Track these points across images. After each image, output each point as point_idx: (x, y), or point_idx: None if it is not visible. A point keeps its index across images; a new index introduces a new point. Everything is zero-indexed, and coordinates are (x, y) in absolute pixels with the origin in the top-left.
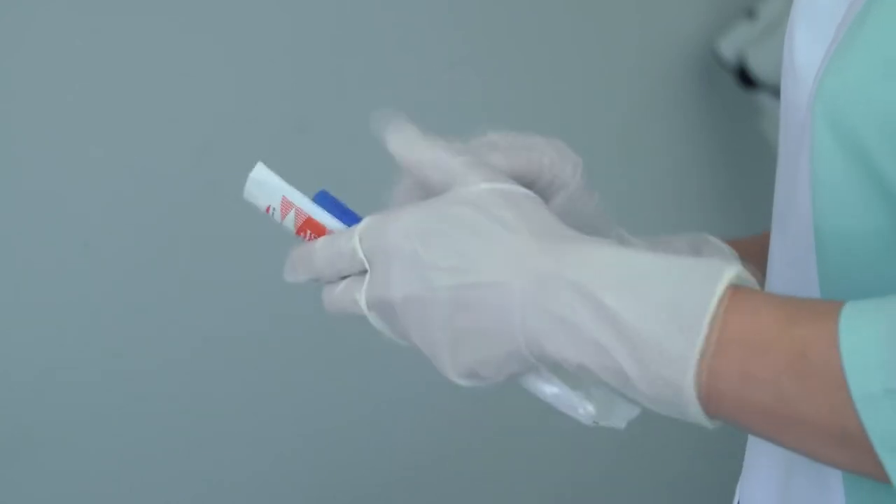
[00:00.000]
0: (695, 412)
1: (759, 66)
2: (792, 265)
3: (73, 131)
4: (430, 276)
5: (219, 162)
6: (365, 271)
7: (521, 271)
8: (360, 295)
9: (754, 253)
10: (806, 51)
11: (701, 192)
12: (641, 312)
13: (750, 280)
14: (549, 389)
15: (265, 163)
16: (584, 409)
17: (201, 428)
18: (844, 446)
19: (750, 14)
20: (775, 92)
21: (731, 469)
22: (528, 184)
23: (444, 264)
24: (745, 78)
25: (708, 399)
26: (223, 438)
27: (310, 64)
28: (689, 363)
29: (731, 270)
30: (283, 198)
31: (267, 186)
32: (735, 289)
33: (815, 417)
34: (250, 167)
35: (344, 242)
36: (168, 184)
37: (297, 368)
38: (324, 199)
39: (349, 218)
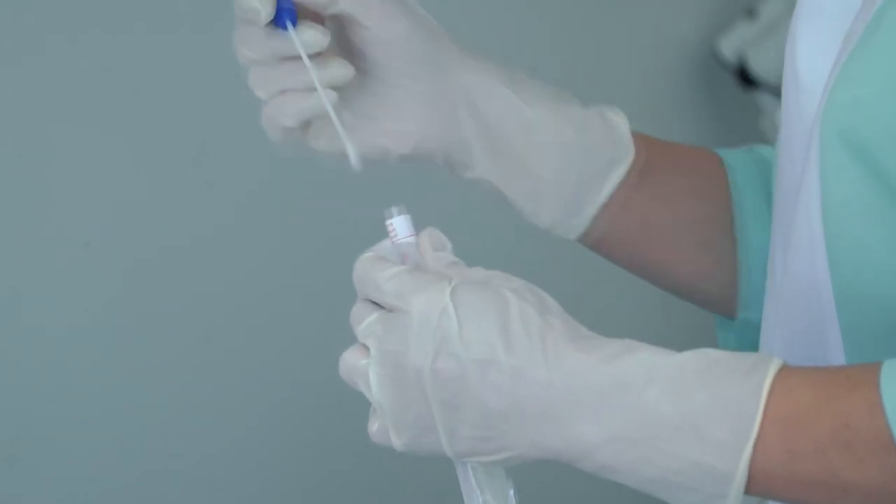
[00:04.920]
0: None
1: (759, 66)
2: (798, 277)
3: (72, 131)
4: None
5: (219, 162)
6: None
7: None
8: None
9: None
10: (810, 60)
11: None
12: (689, 407)
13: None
14: (476, 482)
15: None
16: None
17: (200, 430)
18: None
19: (750, 14)
20: (775, 92)
21: None
22: None
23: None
24: (745, 78)
25: (754, 481)
26: (223, 441)
27: None
28: (743, 452)
29: (775, 364)
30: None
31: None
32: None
33: (866, 483)
34: (250, 167)
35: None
36: (168, 184)
37: (301, 370)
38: None
39: None
